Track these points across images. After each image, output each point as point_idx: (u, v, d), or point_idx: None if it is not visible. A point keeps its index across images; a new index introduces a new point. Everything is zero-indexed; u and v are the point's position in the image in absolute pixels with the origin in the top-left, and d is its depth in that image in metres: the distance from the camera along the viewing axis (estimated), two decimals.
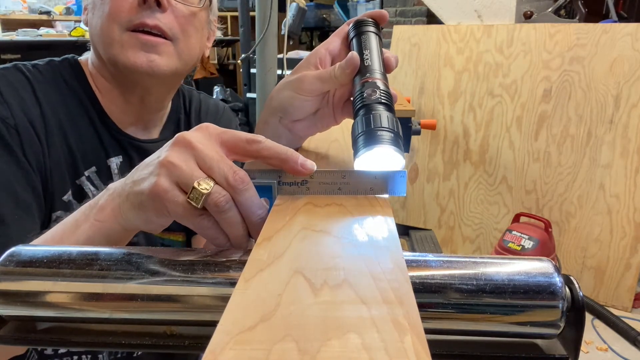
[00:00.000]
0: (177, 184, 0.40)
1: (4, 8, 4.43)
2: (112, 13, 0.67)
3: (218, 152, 0.41)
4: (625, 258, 2.11)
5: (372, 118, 0.47)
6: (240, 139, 0.43)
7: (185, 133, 0.42)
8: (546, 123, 2.27)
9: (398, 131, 0.47)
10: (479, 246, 2.53)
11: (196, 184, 0.39)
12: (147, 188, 0.40)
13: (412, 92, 2.63)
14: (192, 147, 0.41)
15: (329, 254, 0.33)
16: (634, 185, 2.09)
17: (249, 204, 0.40)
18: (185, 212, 0.40)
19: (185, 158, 0.40)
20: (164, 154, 0.41)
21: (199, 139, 0.42)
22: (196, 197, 0.39)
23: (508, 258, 0.40)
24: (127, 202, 0.44)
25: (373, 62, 0.54)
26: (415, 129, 1.74)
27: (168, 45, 0.70)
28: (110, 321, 0.43)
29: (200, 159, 0.40)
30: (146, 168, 0.42)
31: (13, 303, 0.43)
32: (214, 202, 0.39)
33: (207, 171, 0.40)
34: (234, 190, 0.40)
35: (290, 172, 0.42)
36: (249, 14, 2.22)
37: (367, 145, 0.45)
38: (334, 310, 0.26)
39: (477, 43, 2.42)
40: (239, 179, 0.40)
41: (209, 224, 0.41)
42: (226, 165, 0.40)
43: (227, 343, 0.23)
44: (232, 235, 0.41)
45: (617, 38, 2.08)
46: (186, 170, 0.40)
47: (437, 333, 0.40)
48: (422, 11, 3.43)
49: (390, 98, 0.51)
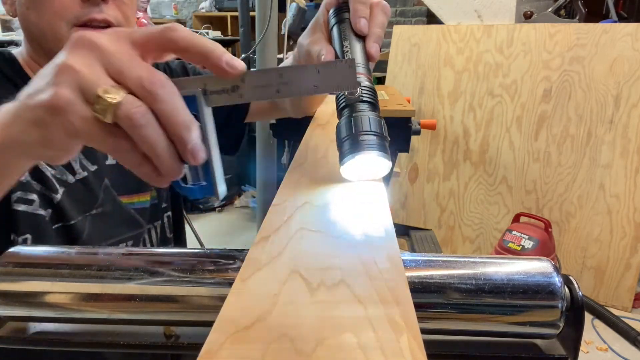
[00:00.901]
0: (81, 93, 0.33)
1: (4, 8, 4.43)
2: (57, 10, 0.67)
3: (128, 53, 0.34)
4: (625, 258, 2.11)
5: (355, 121, 0.45)
6: (152, 31, 0.36)
7: (88, 32, 0.35)
8: (546, 123, 2.27)
9: (383, 133, 0.45)
10: (479, 246, 2.53)
11: (101, 92, 0.32)
12: (46, 100, 0.33)
13: (412, 92, 2.63)
14: (96, 47, 0.34)
15: (326, 254, 0.33)
16: (634, 185, 2.09)
17: (172, 113, 0.33)
18: (91, 130, 0.33)
19: (88, 62, 0.33)
20: (61, 58, 0.34)
21: (104, 39, 0.35)
22: (102, 108, 0.32)
23: (507, 258, 0.40)
24: (20, 121, 0.35)
25: (355, 55, 0.51)
26: (415, 129, 1.73)
27: None
28: (109, 321, 0.43)
29: (107, 61, 0.34)
30: (42, 79, 0.35)
31: (11, 303, 0.43)
32: (125, 114, 0.32)
33: (116, 76, 0.33)
34: (152, 96, 0.33)
35: (214, 71, 0.35)
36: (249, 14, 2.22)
37: (352, 151, 0.43)
38: (331, 309, 0.26)
39: (477, 43, 2.42)
40: (158, 81, 0.33)
41: (125, 144, 0.33)
42: (140, 66, 0.33)
43: (223, 342, 0.23)
44: (155, 158, 0.34)
45: (617, 38, 2.08)
46: (89, 76, 0.33)
47: (437, 333, 0.40)
48: (422, 11, 3.43)
49: (374, 95, 0.48)
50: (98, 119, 0.32)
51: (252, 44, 1.96)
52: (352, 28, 0.54)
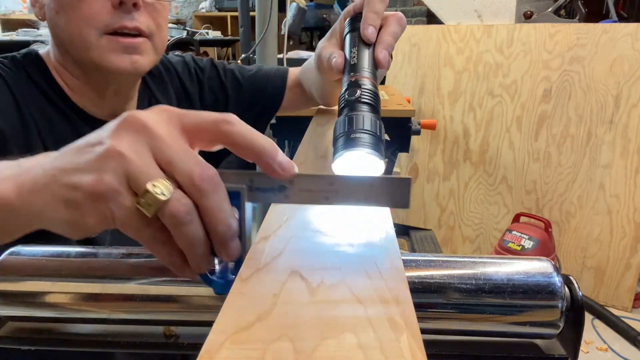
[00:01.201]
0: (128, 182, 0.31)
1: (4, 8, 4.43)
2: (87, 17, 0.65)
3: (180, 142, 0.32)
4: (625, 258, 2.11)
5: (354, 119, 0.45)
6: (206, 119, 0.34)
7: (138, 112, 0.33)
8: (546, 123, 2.27)
9: (380, 134, 0.45)
10: (479, 246, 2.53)
11: (150, 186, 0.30)
12: (88, 184, 0.31)
13: (412, 92, 2.63)
14: (148, 132, 0.32)
15: (326, 254, 0.33)
16: (634, 185, 2.09)
17: (217, 212, 0.32)
18: (131, 221, 0.31)
19: (138, 147, 0.31)
20: (109, 140, 0.31)
21: (155, 121, 0.32)
22: (149, 203, 0.30)
23: (507, 258, 0.40)
24: (47, 193, 0.32)
25: (362, 60, 0.53)
26: (415, 129, 1.74)
27: (146, 43, 0.69)
28: (109, 321, 0.43)
29: (158, 149, 0.31)
30: (84, 154, 0.32)
31: (12, 303, 0.43)
32: (171, 211, 0.30)
33: (165, 166, 0.31)
34: (199, 193, 0.31)
35: (265, 171, 0.34)
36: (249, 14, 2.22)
37: (345, 147, 0.43)
38: (330, 309, 0.26)
39: (477, 43, 2.42)
40: (208, 177, 0.31)
41: (161, 237, 0.32)
42: (191, 159, 0.32)
43: (223, 342, 0.23)
44: (190, 253, 0.33)
45: (617, 38, 2.08)
46: (139, 166, 0.31)
47: (437, 333, 0.40)
48: (422, 11, 3.43)
49: (376, 98, 0.49)
50: (140, 211, 0.31)
51: (252, 44, 1.96)
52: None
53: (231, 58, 5.33)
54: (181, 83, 0.89)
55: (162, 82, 0.87)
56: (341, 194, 0.35)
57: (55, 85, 0.72)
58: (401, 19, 0.58)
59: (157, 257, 0.34)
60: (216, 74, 0.91)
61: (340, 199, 0.35)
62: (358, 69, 0.52)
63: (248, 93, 0.92)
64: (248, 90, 0.92)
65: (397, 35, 0.57)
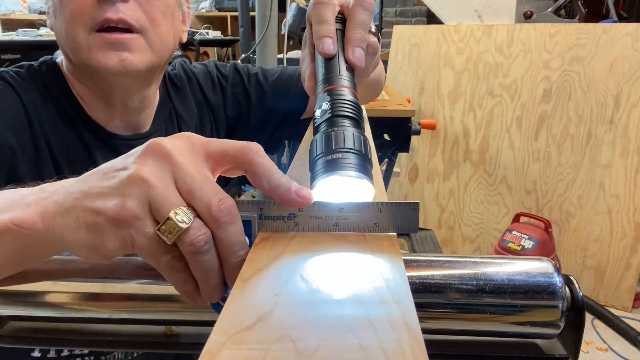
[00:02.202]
0: (150, 209, 0.31)
1: (4, 8, 4.43)
2: (74, 14, 0.62)
3: (202, 171, 0.33)
4: (625, 258, 2.11)
5: (332, 136, 0.38)
6: (231, 147, 0.34)
7: (163, 140, 0.33)
8: (546, 123, 2.27)
9: (366, 153, 0.38)
10: (479, 246, 2.53)
11: (172, 214, 0.31)
12: (111, 209, 0.31)
13: (412, 92, 2.63)
14: (172, 160, 0.32)
15: (327, 254, 0.33)
16: (634, 185, 2.09)
17: (232, 243, 0.32)
18: (150, 247, 0.31)
19: (161, 174, 0.32)
20: (134, 166, 0.32)
21: (180, 149, 0.33)
22: (169, 230, 0.31)
23: (508, 258, 0.40)
24: (69, 217, 0.32)
25: (333, 66, 0.45)
26: (415, 129, 1.74)
27: (138, 39, 0.64)
28: (110, 321, 0.43)
29: (180, 178, 0.32)
30: (108, 178, 0.32)
31: (12, 303, 0.43)
32: (191, 240, 0.31)
33: (185, 194, 0.32)
34: (216, 224, 0.32)
35: (282, 201, 0.34)
36: (249, 14, 2.22)
37: (326, 171, 0.36)
38: (331, 309, 0.26)
39: (477, 43, 2.42)
40: (225, 209, 0.32)
41: (177, 265, 0.32)
42: (211, 189, 0.32)
43: (224, 343, 0.23)
44: (203, 282, 0.33)
45: (617, 38, 2.08)
46: (162, 193, 0.31)
47: (438, 333, 0.40)
48: (422, 11, 3.43)
49: (358, 110, 0.42)
50: (159, 238, 0.31)
51: (252, 44, 1.96)
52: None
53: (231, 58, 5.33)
54: (203, 94, 0.85)
55: (184, 94, 0.83)
56: (350, 221, 0.35)
57: (70, 95, 0.70)
58: (365, 1, 0.48)
59: (172, 283, 0.34)
60: (240, 80, 0.87)
61: (349, 224, 0.35)
62: (332, 77, 0.44)
63: (271, 99, 0.87)
64: (270, 96, 0.87)
65: (366, 24, 0.48)
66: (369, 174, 0.37)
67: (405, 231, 0.35)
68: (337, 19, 0.48)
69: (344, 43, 0.47)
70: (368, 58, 0.49)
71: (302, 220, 0.35)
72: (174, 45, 0.72)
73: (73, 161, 0.69)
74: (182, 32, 0.75)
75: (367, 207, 0.35)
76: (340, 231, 0.35)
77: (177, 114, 0.82)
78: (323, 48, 0.45)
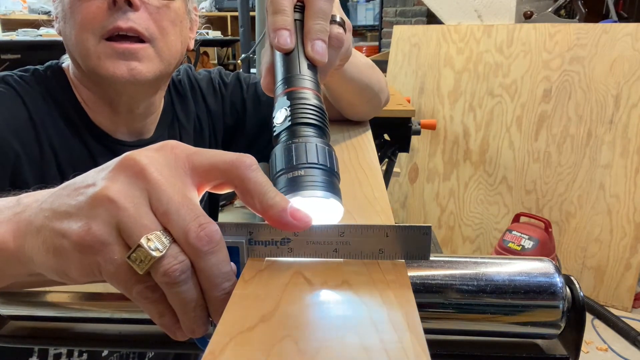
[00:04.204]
0: (119, 233, 0.28)
1: (4, 8, 4.43)
2: (84, 21, 0.62)
3: (181, 190, 0.29)
4: (625, 258, 2.11)
5: (293, 150, 0.34)
6: (221, 160, 0.30)
7: (138, 153, 0.29)
8: (546, 123, 2.27)
9: (332, 166, 0.34)
10: (479, 246, 2.53)
11: (144, 241, 0.27)
12: (75, 233, 0.28)
13: (412, 92, 2.63)
14: (146, 177, 0.28)
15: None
16: (634, 185, 2.09)
17: (213, 274, 0.29)
18: (119, 276, 0.28)
19: (133, 194, 0.28)
20: (102, 183, 0.29)
21: (157, 164, 0.29)
22: (140, 259, 0.27)
23: (508, 258, 0.40)
24: (39, 238, 0.30)
25: (292, 63, 0.39)
26: (415, 129, 1.74)
27: (147, 49, 0.64)
28: (110, 321, 0.43)
29: (155, 198, 0.28)
30: (77, 195, 0.29)
31: (13, 303, 0.43)
32: (164, 270, 0.27)
33: (161, 217, 0.28)
34: (195, 252, 0.28)
35: (275, 224, 0.30)
36: (249, 14, 2.22)
37: (289, 190, 0.32)
38: (334, 310, 0.26)
39: (477, 43, 2.42)
40: (206, 236, 0.28)
41: (152, 296, 0.29)
42: (190, 213, 0.28)
43: (226, 343, 0.23)
44: (183, 315, 0.29)
45: (617, 38, 2.08)
46: (133, 216, 0.28)
47: (438, 333, 0.40)
48: (422, 11, 3.43)
49: (322, 115, 0.37)
50: (130, 266, 0.28)
51: (252, 44, 1.96)
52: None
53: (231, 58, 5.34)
54: (204, 101, 0.85)
55: (186, 101, 0.83)
56: (353, 246, 0.31)
57: (74, 100, 0.70)
58: None
59: (147, 313, 0.30)
60: (239, 88, 0.87)
61: (352, 251, 0.31)
62: (291, 77, 0.39)
63: (266, 106, 0.85)
64: (266, 104, 0.85)
65: (326, 13, 0.42)
66: (336, 191, 0.33)
67: (414, 258, 0.32)
68: (297, 7, 0.42)
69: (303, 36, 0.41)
70: (332, 52, 0.43)
71: (297, 246, 0.31)
72: (182, 53, 0.72)
73: (77, 166, 0.69)
74: (190, 40, 0.75)
75: (371, 231, 0.31)
76: (341, 257, 0.31)
77: (178, 121, 0.82)
78: (279, 42, 0.40)
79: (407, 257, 0.32)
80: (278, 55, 0.41)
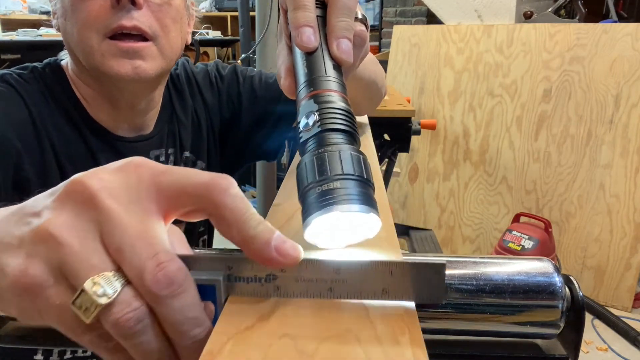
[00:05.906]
0: (61, 274, 0.24)
1: (4, 8, 4.43)
2: (87, 20, 0.62)
3: (140, 220, 0.24)
4: (625, 258, 2.12)
5: (326, 160, 0.30)
6: (190, 184, 0.26)
7: (90, 177, 0.25)
8: (546, 123, 2.28)
9: (368, 176, 0.31)
10: (479, 246, 2.54)
11: (88, 284, 0.23)
12: (10, 272, 0.24)
13: (412, 92, 2.63)
14: (97, 205, 0.24)
15: (328, 254, 0.33)
16: (634, 185, 2.09)
17: (178, 321, 0.24)
18: (64, 322, 0.24)
19: (80, 227, 0.24)
20: (46, 214, 0.24)
21: (112, 188, 0.25)
22: (86, 306, 0.23)
23: (508, 258, 0.40)
24: None
25: (317, 64, 0.36)
26: (415, 129, 1.74)
27: (150, 47, 0.65)
28: None
29: (107, 230, 0.24)
30: (21, 224, 0.25)
31: None
32: (115, 319, 0.23)
33: (114, 254, 0.24)
34: (152, 297, 0.24)
35: (257, 259, 0.26)
36: (249, 14, 2.22)
37: (321, 207, 0.28)
38: (332, 310, 0.26)
39: (477, 43, 2.42)
40: (165, 278, 0.23)
41: (105, 345, 0.25)
42: (147, 249, 0.24)
43: (225, 343, 0.23)
44: None
45: (617, 38, 2.08)
46: (78, 254, 0.23)
47: (438, 333, 0.40)
48: (422, 11, 3.43)
49: (351, 119, 0.34)
50: (75, 313, 0.23)
51: (252, 44, 1.96)
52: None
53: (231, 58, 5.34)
54: (201, 95, 0.85)
55: (183, 96, 0.83)
56: (351, 285, 0.27)
57: (73, 97, 0.70)
58: None
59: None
60: (235, 81, 0.87)
61: (349, 290, 0.27)
62: (317, 79, 0.35)
63: (262, 102, 0.85)
64: (262, 99, 0.85)
65: (351, 9, 0.38)
66: (374, 204, 0.30)
67: (425, 301, 0.27)
68: (317, 3, 0.39)
69: (326, 33, 0.38)
70: (355, 50, 0.39)
71: (285, 284, 0.27)
72: (182, 48, 0.73)
73: (77, 163, 0.70)
74: (187, 35, 0.76)
75: (372, 269, 0.27)
76: (336, 298, 0.27)
77: (176, 116, 0.82)
78: (302, 40, 0.36)
79: (417, 300, 0.27)
80: (299, 55, 0.37)
